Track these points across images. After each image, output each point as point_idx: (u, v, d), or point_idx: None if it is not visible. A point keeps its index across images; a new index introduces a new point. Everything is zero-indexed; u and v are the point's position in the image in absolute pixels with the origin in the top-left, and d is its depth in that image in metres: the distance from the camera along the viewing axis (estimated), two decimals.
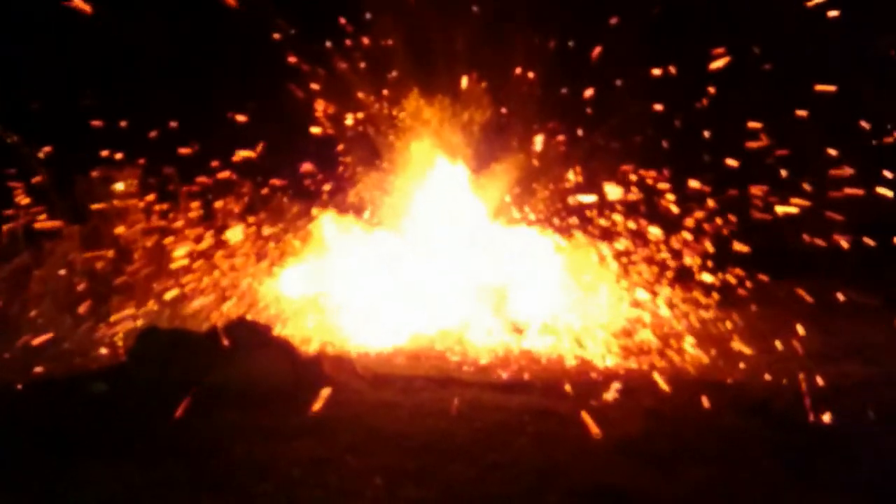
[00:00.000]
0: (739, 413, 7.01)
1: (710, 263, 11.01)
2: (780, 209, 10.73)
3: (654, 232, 11.23)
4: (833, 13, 10.81)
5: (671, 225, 11.20)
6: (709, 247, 11.05)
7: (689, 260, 11.05)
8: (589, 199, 11.76)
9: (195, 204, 11.67)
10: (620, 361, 9.08)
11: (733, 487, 5.53)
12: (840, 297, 10.22)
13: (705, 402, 7.16)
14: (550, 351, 9.37)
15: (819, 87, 10.59)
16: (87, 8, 10.55)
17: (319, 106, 12.53)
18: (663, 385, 7.81)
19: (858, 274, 10.49)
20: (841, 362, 8.68)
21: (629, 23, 11.97)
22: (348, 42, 12.75)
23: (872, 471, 5.74)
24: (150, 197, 11.59)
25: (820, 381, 7.71)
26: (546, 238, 11.32)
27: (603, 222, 11.58)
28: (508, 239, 11.27)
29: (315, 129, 12.49)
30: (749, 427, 6.68)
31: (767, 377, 8.25)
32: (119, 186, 11.47)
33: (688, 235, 11.15)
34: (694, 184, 11.27)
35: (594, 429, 6.42)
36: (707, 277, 10.90)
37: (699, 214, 11.18)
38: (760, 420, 6.83)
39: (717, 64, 10.88)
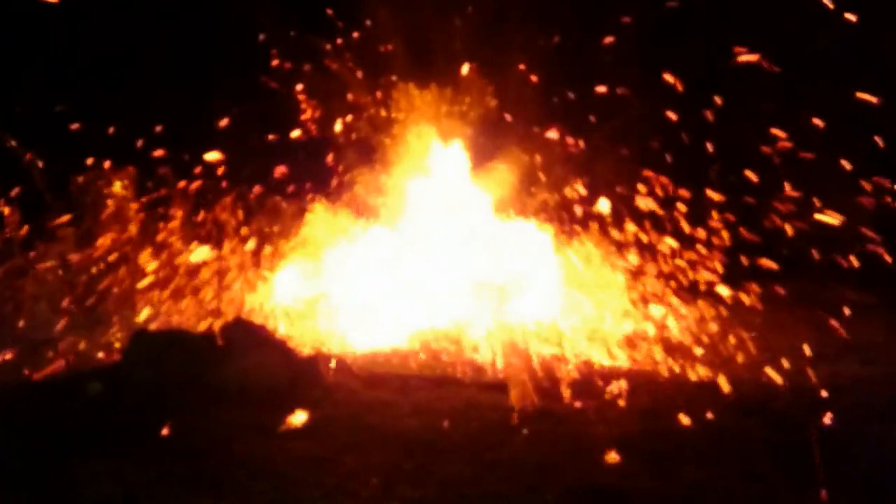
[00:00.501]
0: (737, 413, 6.98)
1: (710, 266, 10.98)
2: (783, 215, 10.71)
3: (654, 232, 11.20)
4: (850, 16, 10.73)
5: (673, 225, 11.14)
6: (712, 254, 11.01)
7: (690, 261, 11.00)
8: (592, 202, 11.69)
9: (187, 208, 11.63)
10: (618, 361, 9.05)
11: (731, 487, 5.51)
12: (838, 296, 10.18)
13: (703, 402, 7.12)
14: (548, 351, 9.35)
15: (860, 95, 10.46)
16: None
17: (311, 105, 12.47)
18: (661, 385, 7.79)
19: (857, 273, 10.44)
20: (839, 362, 8.64)
21: (639, 22, 11.90)
22: (339, 40, 12.71)
23: (871, 470, 5.69)
24: (144, 199, 11.57)
25: (818, 380, 7.69)
26: (547, 238, 11.28)
27: (615, 234, 11.51)
28: (508, 238, 11.22)
29: (308, 129, 12.44)
30: (747, 427, 6.65)
31: (765, 377, 8.23)
32: (114, 188, 11.44)
33: (688, 234, 11.09)
34: (691, 185, 11.22)
35: (591, 428, 6.41)
36: (705, 277, 10.86)
37: (700, 216, 11.11)
38: (758, 420, 6.80)
39: (744, 58, 10.65)
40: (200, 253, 10.97)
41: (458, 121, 12.30)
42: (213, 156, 11.18)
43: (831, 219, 10.01)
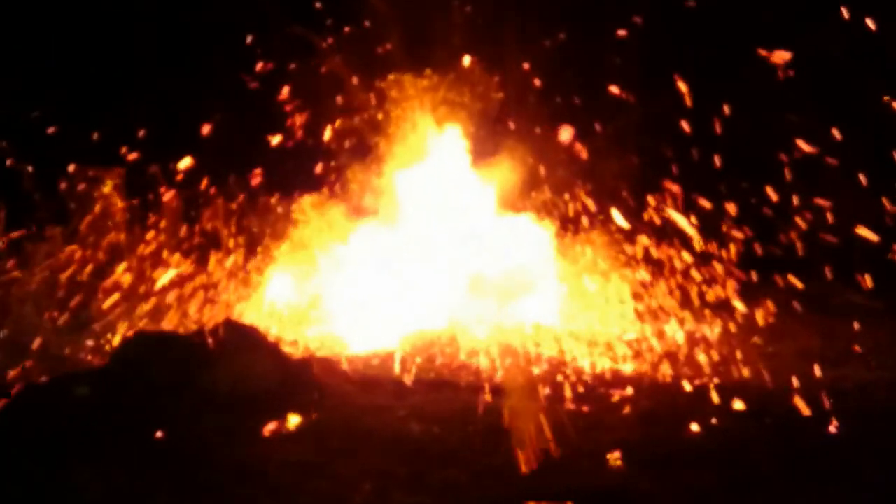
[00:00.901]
0: (739, 416, 6.86)
1: (717, 271, 10.87)
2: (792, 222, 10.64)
3: (661, 234, 11.08)
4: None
5: (681, 226, 11.00)
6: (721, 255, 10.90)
7: (697, 264, 10.88)
8: (598, 205, 11.53)
9: (178, 211, 11.52)
10: (621, 366, 8.92)
11: (732, 490, 5.39)
12: (846, 301, 10.10)
13: (707, 406, 7.01)
14: (547, 354, 9.22)
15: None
16: None
17: (304, 103, 12.26)
18: (664, 389, 7.69)
19: (862, 277, 10.34)
20: (843, 365, 8.57)
21: (652, 23, 11.74)
22: (330, 40, 12.57)
23: (874, 475, 5.57)
24: (134, 202, 11.45)
25: (824, 385, 7.57)
26: (550, 240, 11.14)
27: (620, 235, 11.37)
28: (509, 239, 11.06)
29: (300, 128, 12.22)
30: (749, 430, 6.53)
31: (768, 380, 8.11)
32: (103, 189, 11.33)
33: (697, 236, 10.95)
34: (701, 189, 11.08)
35: (592, 433, 6.29)
36: (712, 279, 10.76)
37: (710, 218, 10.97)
38: (760, 423, 6.68)
39: (777, 57, 10.42)
40: (167, 276, 10.76)
41: (457, 115, 12.07)
42: (186, 162, 10.99)
43: (870, 234, 9.84)
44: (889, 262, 10.24)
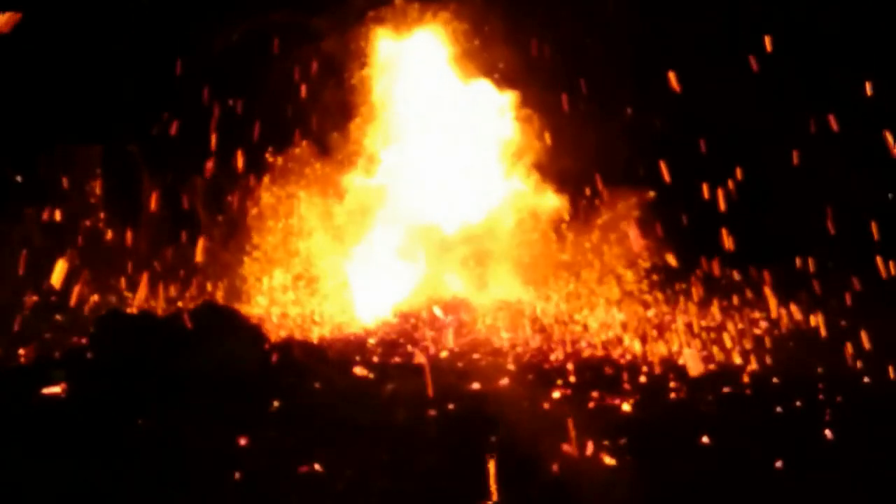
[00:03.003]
0: (734, 407, 6.84)
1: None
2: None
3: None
4: None
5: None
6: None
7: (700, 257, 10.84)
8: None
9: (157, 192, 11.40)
10: (612, 353, 8.87)
11: (726, 480, 5.40)
12: (841, 294, 10.10)
13: (700, 396, 7.00)
14: (535, 339, 9.18)
15: None
16: None
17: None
18: (654, 380, 7.68)
19: (863, 272, 10.35)
20: (840, 358, 8.54)
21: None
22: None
23: (868, 466, 5.60)
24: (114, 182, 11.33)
25: (818, 378, 7.58)
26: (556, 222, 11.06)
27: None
28: (512, 211, 10.94)
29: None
30: (744, 421, 6.49)
31: (765, 373, 8.09)
32: (81, 169, 11.20)
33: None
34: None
35: (579, 421, 6.26)
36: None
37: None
38: (755, 414, 6.66)
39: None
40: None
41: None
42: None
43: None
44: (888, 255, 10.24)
